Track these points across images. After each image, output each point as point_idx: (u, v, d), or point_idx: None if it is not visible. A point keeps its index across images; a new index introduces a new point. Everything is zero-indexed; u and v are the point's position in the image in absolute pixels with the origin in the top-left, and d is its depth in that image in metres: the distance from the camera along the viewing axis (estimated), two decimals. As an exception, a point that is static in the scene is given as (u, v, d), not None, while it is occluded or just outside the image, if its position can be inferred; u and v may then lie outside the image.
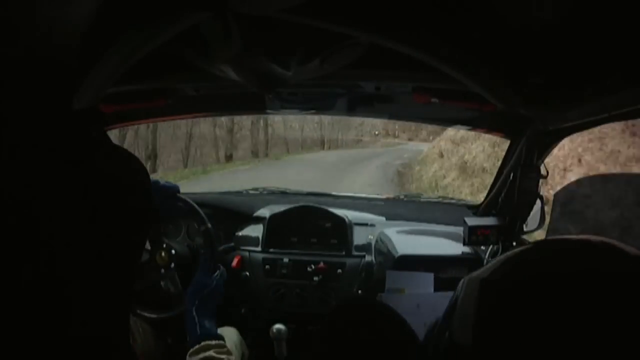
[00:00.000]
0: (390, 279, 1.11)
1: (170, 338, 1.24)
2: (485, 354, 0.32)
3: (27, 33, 0.31)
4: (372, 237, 1.30)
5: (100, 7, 0.37)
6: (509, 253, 0.37)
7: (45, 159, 0.29)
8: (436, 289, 1.17)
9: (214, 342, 0.82)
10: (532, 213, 1.07)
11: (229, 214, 1.38)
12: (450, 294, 0.40)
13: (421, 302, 1.02)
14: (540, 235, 1.21)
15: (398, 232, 1.29)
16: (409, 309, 0.98)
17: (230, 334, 1.01)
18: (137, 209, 0.36)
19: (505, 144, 1.17)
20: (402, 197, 1.71)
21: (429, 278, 1.03)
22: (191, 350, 0.80)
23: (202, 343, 0.81)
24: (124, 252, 0.35)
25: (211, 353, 0.78)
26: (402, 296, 1.08)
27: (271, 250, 1.29)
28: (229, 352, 0.81)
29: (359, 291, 1.22)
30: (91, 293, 0.32)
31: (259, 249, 1.29)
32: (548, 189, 3.51)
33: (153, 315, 1.11)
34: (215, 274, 0.97)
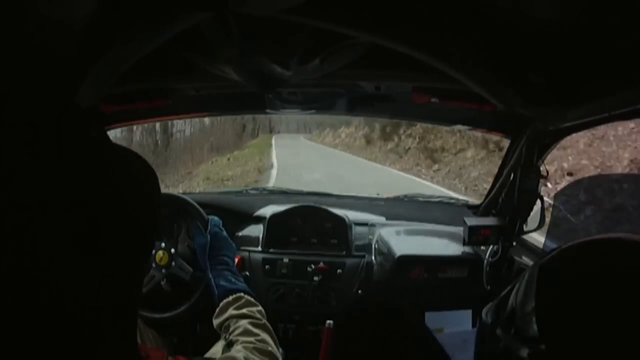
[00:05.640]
0: (430, 319, 1.15)
1: (176, 338, 1.24)
2: (553, 344, 0.33)
3: (27, 33, 0.31)
4: (372, 237, 1.30)
5: (100, 7, 0.37)
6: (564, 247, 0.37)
7: (45, 160, 0.29)
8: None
9: (231, 298, 0.80)
10: (532, 213, 1.07)
11: (229, 213, 1.38)
12: None
13: (467, 337, 1.06)
14: (540, 235, 1.21)
15: (398, 232, 1.28)
16: (455, 346, 1.01)
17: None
18: (141, 216, 0.35)
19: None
20: (402, 197, 1.71)
21: (466, 316, 1.08)
22: (214, 315, 0.79)
23: (221, 304, 0.79)
24: (129, 260, 0.34)
25: (230, 312, 0.77)
26: (443, 334, 1.13)
27: (271, 250, 1.29)
28: (248, 303, 0.79)
29: (359, 291, 1.22)
30: (94, 302, 0.31)
31: (259, 249, 1.29)
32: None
33: (155, 316, 1.11)
34: (208, 229, 0.96)
